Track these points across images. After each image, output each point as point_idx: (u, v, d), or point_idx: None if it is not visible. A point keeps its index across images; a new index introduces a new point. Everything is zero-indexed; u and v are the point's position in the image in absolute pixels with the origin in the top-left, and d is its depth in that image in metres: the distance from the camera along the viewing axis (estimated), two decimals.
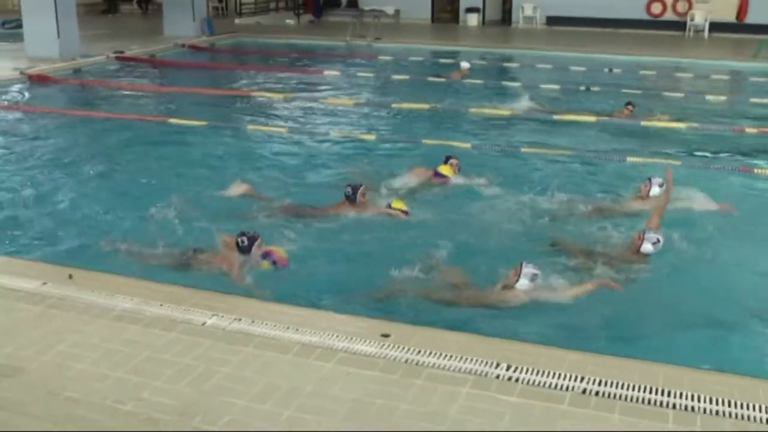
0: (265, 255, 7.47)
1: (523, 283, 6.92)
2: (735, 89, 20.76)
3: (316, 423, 4.59)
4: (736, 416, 4.73)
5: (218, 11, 32.09)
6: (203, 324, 5.82)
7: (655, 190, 9.42)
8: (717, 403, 4.84)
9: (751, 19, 28.86)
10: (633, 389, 4.97)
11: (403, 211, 9.01)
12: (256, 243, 7.49)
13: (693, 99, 17.28)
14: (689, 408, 4.80)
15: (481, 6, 31.80)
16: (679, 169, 11.37)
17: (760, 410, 4.78)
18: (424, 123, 14.62)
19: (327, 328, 5.78)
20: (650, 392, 4.94)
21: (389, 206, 9.10)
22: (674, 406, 4.81)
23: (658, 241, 7.91)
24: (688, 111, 15.59)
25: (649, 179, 9.56)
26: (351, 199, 9.12)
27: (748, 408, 4.80)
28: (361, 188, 9.17)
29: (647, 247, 7.88)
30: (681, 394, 4.93)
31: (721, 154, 12.63)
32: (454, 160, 10.50)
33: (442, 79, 18.86)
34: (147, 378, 5.04)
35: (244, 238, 7.53)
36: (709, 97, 17.50)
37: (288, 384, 5.00)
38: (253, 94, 17.20)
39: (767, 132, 13.91)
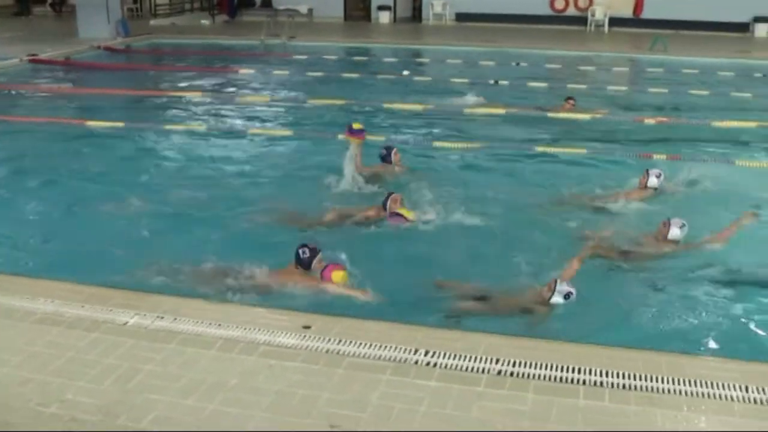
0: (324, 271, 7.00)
1: (556, 300, 6.74)
2: (633, 80, 21.30)
3: (240, 416, 4.56)
4: (642, 389, 4.87)
5: (133, 12, 31.41)
6: (125, 323, 5.71)
7: (653, 181, 9.68)
8: (624, 377, 4.99)
9: (646, 14, 29.71)
10: (546, 368, 5.08)
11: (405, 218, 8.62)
12: (317, 258, 7.10)
13: (596, 90, 17.67)
14: (598, 383, 4.93)
15: (392, 4, 31.90)
16: (583, 157, 11.71)
17: (665, 381, 4.94)
18: (340, 118, 14.58)
19: (249, 322, 5.73)
20: (562, 370, 5.05)
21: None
22: (584, 383, 4.94)
23: (684, 225, 8.07)
24: (592, 101, 15.93)
25: (647, 170, 9.83)
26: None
27: (653, 380, 4.95)
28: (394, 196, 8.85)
29: (675, 232, 8.03)
30: (591, 371, 5.05)
31: (623, 143, 12.96)
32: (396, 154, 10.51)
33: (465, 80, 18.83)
34: (70, 379, 4.92)
35: (306, 249, 7.13)
36: (610, 88, 17.95)
37: (211, 379, 4.95)
38: (171, 94, 16.91)
39: (664, 122, 14.29)
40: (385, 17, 31.63)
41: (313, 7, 31.10)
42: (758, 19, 28.90)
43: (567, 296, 6.71)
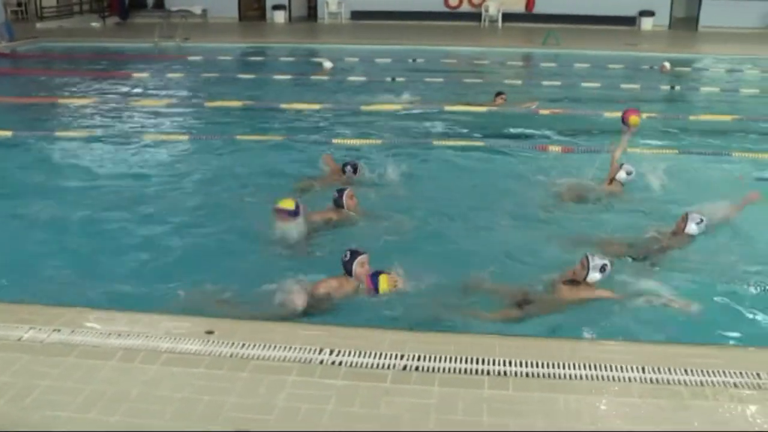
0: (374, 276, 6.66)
1: (594, 276, 6.66)
2: (528, 74, 21.77)
3: (145, 426, 4.46)
4: (545, 375, 4.99)
5: (18, 15, 30.34)
6: (20, 339, 5.51)
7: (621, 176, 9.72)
8: (527, 366, 5.09)
9: (538, 9, 30.43)
10: (450, 361, 5.14)
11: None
12: (358, 260, 6.76)
13: (492, 84, 17.96)
14: (502, 373, 5.03)
15: (287, 3, 31.74)
16: (481, 152, 11.90)
17: (566, 367, 5.07)
18: (238, 120, 14.44)
19: (150, 330, 5.62)
20: (466, 362, 5.13)
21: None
22: (488, 373, 5.02)
23: (702, 221, 8.03)
24: (489, 96, 16.20)
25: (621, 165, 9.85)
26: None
27: (555, 366, 5.08)
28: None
29: (692, 227, 8.01)
30: (494, 361, 5.14)
31: (519, 135, 13.23)
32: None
33: (314, 77, 18.78)
34: None
35: (347, 252, 6.84)
36: (506, 82, 18.30)
37: (113, 390, 4.83)
38: (61, 100, 16.38)
39: (558, 113, 14.65)
40: (280, 17, 31.46)
41: (207, 7, 30.70)
42: (644, 13, 29.98)
43: (603, 269, 6.62)
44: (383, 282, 6.60)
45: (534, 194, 9.81)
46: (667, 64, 20.43)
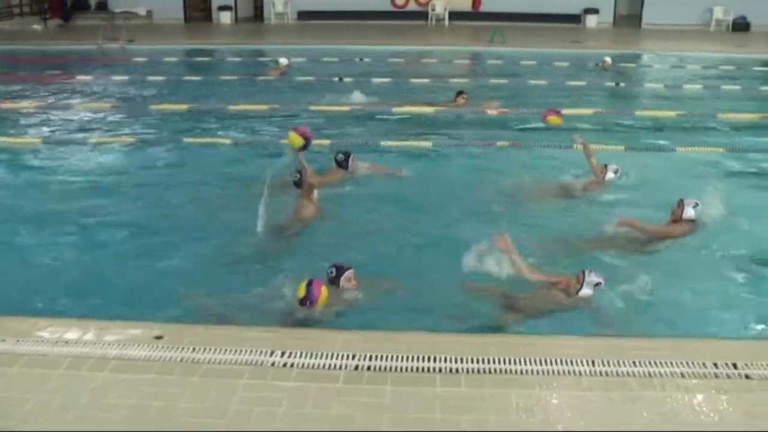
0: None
1: (585, 292, 6.69)
2: (475, 72, 21.91)
3: None
4: (497, 371, 5.03)
5: None
6: None
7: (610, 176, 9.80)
8: (479, 362, 5.13)
9: (484, 7, 30.62)
10: (402, 360, 5.16)
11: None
12: (345, 275, 6.78)
13: (438, 84, 18.05)
14: (454, 370, 5.05)
15: (233, 4, 31.50)
16: (429, 150, 11.94)
17: (518, 362, 5.11)
18: (184, 122, 14.30)
19: (98, 337, 5.54)
20: (418, 360, 5.14)
21: None
22: (440, 370, 5.04)
23: (697, 204, 8.25)
24: (439, 95, 16.25)
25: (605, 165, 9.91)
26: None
27: (507, 362, 5.12)
28: None
29: (690, 212, 8.19)
30: (446, 359, 5.17)
31: (468, 133, 13.31)
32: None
33: (262, 77, 18.64)
34: None
35: (333, 269, 6.81)
36: (453, 80, 18.38)
37: (61, 399, 4.75)
38: (2, 105, 16.04)
39: (506, 112, 14.76)
40: (226, 17, 31.19)
41: (152, 8, 30.29)
42: (588, 11, 30.34)
43: (597, 286, 6.68)
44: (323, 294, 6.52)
45: (518, 193, 9.93)
46: (609, 59, 20.70)
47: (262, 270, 7.52)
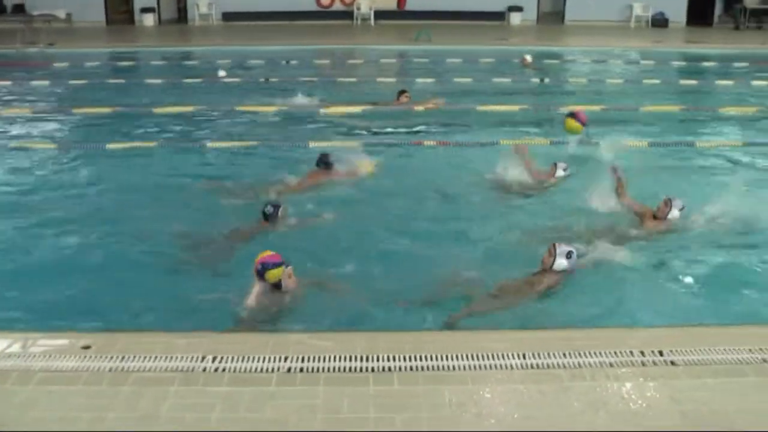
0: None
1: (560, 263, 6.85)
2: (401, 71, 22.00)
3: None
4: (430, 368, 5.05)
5: None
6: None
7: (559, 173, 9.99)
8: (412, 360, 5.14)
9: (410, 6, 30.82)
10: (334, 360, 5.13)
11: None
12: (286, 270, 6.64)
13: (366, 83, 18.09)
14: (387, 369, 5.05)
15: (155, 5, 31.05)
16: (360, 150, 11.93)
17: (450, 359, 5.14)
18: (108, 126, 14.03)
19: (22, 349, 5.38)
20: (350, 360, 5.13)
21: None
22: (373, 369, 5.04)
23: (683, 208, 8.38)
24: (363, 94, 16.28)
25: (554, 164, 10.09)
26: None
27: (439, 359, 5.15)
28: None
29: (675, 213, 8.33)
30: (378, 357, 5.17)
31: (397, 132, 13.36)
32: None
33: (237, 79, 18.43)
34: None
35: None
36: (380, 79, 18.44)
37: None
38: None
39: (432, 108, 14.84)
40: (149, 19, 30.73)
41: (72, 11, 29.66)
42: (512, 9, 30.80)
43: (569, 255, 6.80)
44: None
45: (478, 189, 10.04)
46: (528, 57, 21.01)
47: (197, 275, 7.44)
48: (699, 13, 30.91)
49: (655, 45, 25.41)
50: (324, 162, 10.15)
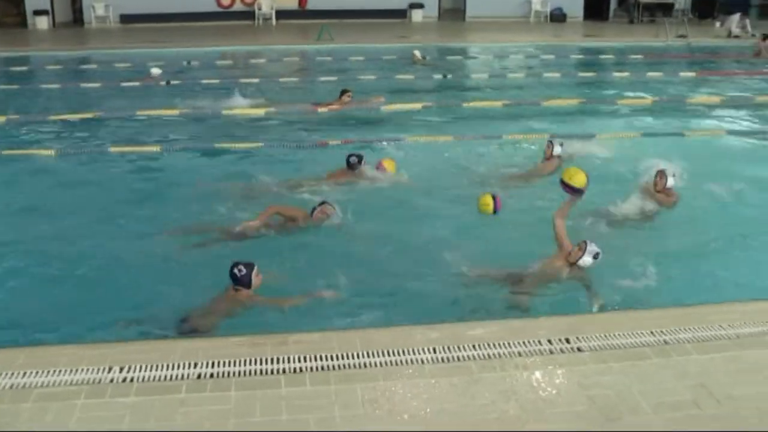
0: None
1: (585, 260, 7.01)
2: (304, 70, 21.91)
3: None
4: (340, 367, 5.07)
5: None
6: None
7: (557, 149, 10.38)
8: (323, 359, 5.15)
9: (311, 5, 30.73)
10: (245, 364, 5.10)
11: None
12: (254, 271, 6.72)
13: (269, 83, 17.97)
14: (298, 370, 5.05)
15: (49, 7, 30.10)
16: (266, 150, 11.88)
17: (360, 356, 5.18)
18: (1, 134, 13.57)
19: None
20: (261, 363, 5.11)
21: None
22: (284, 371, 5.03)
23: (675, 174, 8.97)
24: (267, 94, 16.18)
25: (550, 141, 10.59)
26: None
27: (349, 357, 5.17)
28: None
29: (671, 181, 8.92)
30: (289, 359, 5.16)
31: (301, 133, 13.32)
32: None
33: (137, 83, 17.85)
34: None
35: (241, 267, 6.71)
36: (282, 80, 18.35)
37: None
38: None
39: (335, 109, 14.83)
40: (43, 22, 29.74)
41: None
42: (413, 6, 31.05)
43: (596, 256, 7.01)
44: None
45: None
46: (417, 53, 21.20)
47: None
48: (595, 8, 31.85)
49: (555, 39, 26.03)
50: (350, 162, 10.15)
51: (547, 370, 5.07)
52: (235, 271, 6.68)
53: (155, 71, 18.46)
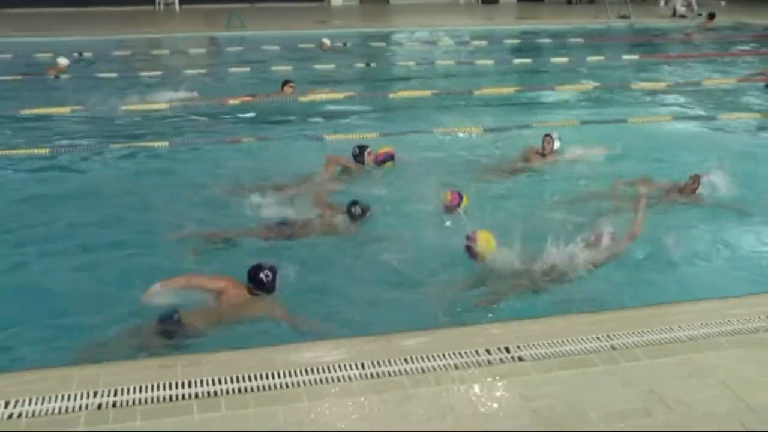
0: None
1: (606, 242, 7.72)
2: (214, 60, 21.68)
3: None
4: (259, 389, 5.01)
5: None
6: None
7: (557, 144, 10.91)
8: (240, 381, 5.09)
9: None
10: (153, 390, 5.00)
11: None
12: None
13: (170, 76, 17.73)
14: (212, 393, 4.97)
15: None
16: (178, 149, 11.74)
17: (281, 376, 5.13)
18: None
19: None
20: (170, 388, 5.02)
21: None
22: (197, 396, 4.95)
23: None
24: (172, 88, 15.98)
25: (547, 135, 10.96)
26: None
27: (269, 377, 5.12)
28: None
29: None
30: (202, 382, 5.08)
31: (211, 128, 13.23)
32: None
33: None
34: None
35: (267, 271, 6.72)
36: (189, 72, 18.15)
37: None
38: None
39: (248, 101, 14.75)
40: None
41: None
42: None
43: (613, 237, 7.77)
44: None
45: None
46: (327, 41, 21.25)
47: None
48: None
49: (487, 23, 26.33)
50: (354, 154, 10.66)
51: (487, 382, 5.11)
52: (261, 276, 6.66)
53: (62, 61, 18.08)
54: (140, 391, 5.00)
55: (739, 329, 5.83)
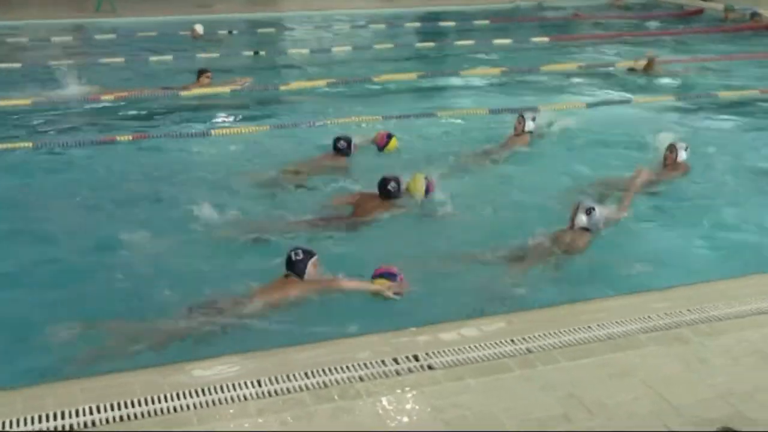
0: None
1: (580, 219, 8.09)
2: (81, 49, 21.10)
3: None
4: (142, 415, 4.93)
5: None
6: None
7: (530, 125, 11.50)
8: (119, 408, 4.97)
9: None
10: (18, 425, 4.85)
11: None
12: (311, 260, 7.17)
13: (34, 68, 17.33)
14: (89, 423, 4.86)
15: None
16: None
17: (167, 400, 5.06)
18: None
19: None
20: (37, 422, 4.84)
21: None
22: (71, 427, 4.83)
23: (687, 147, 10.14)
24: (33, 83, 15.60)
25: (521, 115, 11.64)
26: None
27: (152, 402, 5.05)
28: None
29: (683, 154, 10.10)
30: (77, 412, 4.93)
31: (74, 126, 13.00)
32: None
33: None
34: None
35: (299, 251, 7.20)
36: (54, 63, 17.70)
37: None
38: None
39: (124, 96, 14.54)
40: None
41: None
42: None
43: (589, 212, 8.11)
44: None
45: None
46: (198, 28, 21.02)
47: None
48: None
49: (386, 5, 26.46)
50: (337, 146, 10.82)
51: (395, 394, 5.15)
52: (291, 254, 7.17)
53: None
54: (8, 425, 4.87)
55: (660, 325, 6.04)
